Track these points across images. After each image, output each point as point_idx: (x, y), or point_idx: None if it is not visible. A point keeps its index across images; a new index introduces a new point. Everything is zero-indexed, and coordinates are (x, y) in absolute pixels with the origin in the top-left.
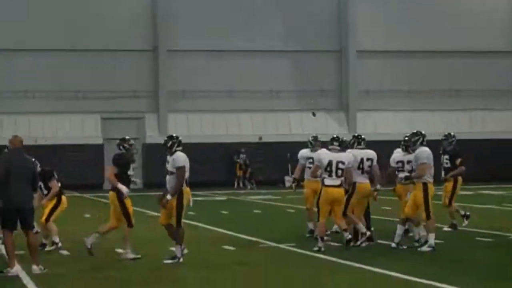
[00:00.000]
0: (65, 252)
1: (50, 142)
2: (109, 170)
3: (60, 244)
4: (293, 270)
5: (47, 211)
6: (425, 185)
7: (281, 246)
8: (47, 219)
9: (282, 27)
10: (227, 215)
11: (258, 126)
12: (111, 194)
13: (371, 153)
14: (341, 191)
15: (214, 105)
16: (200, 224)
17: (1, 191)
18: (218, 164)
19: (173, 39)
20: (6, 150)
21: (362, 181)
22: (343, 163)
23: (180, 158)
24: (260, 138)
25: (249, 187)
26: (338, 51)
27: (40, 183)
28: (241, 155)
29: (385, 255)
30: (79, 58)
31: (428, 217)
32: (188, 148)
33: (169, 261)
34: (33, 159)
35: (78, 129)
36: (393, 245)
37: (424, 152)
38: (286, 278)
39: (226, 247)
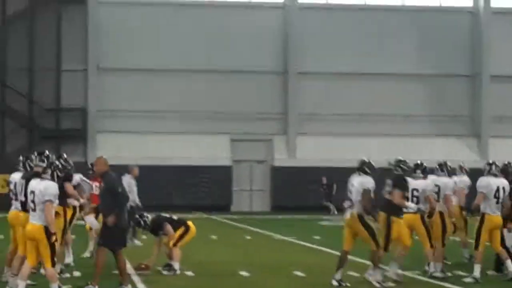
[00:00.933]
0: (189, 273)
1: (179, 162)
2: None
3: (178, 272)
4: None
5: (177, 236)
6: None
7: (406, 273)
8: (175, 244)
9: (415, 51)
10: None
11: (387, 151)
12: None
13: (505, 182)
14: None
15: (344, 129)
16: (325, 249)
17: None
18: (343, 188)
19: (303, 62)
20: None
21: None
22: (417, 190)
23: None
24: (390, 164)
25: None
26: (471, 75)
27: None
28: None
29: None
30: (210, 79)
31: None
32: (316, 172)
33: None
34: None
35: (209, 150)
36: None
37: None
38: None
39: (352, 273)
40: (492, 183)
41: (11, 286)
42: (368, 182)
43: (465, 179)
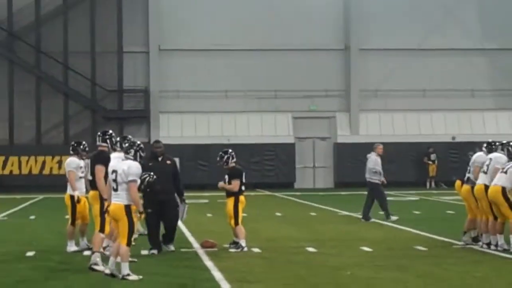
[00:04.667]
0: (256, 250)
1: (242, 141)
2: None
3: (246, 249)
4: (488, 271)
5: (231, 214)
6: None
7: (475, 247)
8: (236, 223)
9: (478, 25)
10: (419, 215)
11: (451, 126)
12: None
13: None
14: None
15: (407, 105)
16: (391, 224)
17: None
18: (409, 164)
19: (365, 38)
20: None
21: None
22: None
23: None
24: (454, 138)
25: (443, 186)
26: None
27: (226, 177)
28: (432, 155)
29: None
30: (271, 57)
31: None
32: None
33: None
34: (230, 151)
35: (271, 128)
36: None
37: None
38: (481, 280)
39: (419, 247)
40: None
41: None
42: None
43: None
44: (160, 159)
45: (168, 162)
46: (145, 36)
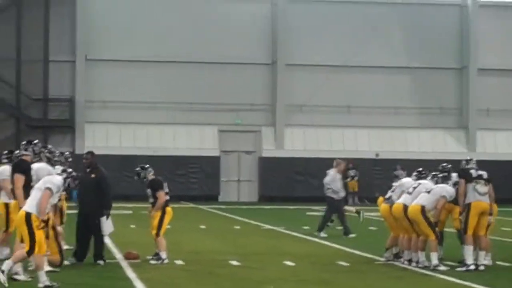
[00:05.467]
0: (180, 262)
1: (168, 153)
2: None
3: (166, 260)
4: (409, 287)
5: (155, 224)
6: None
7: (396, 263)
8: (157, 234)
9: (403, 43)
10: (342, 230)
11: (375, 143)
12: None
13: None
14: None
15: (332, 120)
16: (314, 239)
17: None
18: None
19: (291, 53)
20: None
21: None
22: None
23: None
24: (377, 155)
25: (366, 202)
26: (459, 68)
27: (149, 190)
28: (351, 171)
29: None
30: (198, 70)
31: None
32: (304, 163)
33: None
34: (147, 166)
35: (197, 141)
36: None
37: None
38: None
39: (342, 262)
40: None
41: None
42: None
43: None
44: (88, 171)
45: (93, 175)
46: (72, 46)
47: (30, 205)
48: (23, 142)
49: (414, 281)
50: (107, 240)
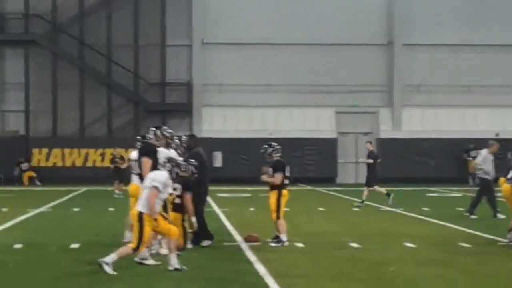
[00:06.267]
0: (299, 245)
1: (284, 135)
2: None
3: (286, 243)
4: None
5: (274, 208)
6: None
7: None
8: (278, 216)
9: None
10: (463, 211)
11: (495, 122)
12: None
13: None
14: None
15: (450, 100)
16: (434, 220)
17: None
18: (450, 160)
19: (408, 33)
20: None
21: None
22: None
23: None
24: (497, 135)
25: None
26: None
27: (270, 170)
28: (472, 152)
29: None
30: (313, 51)
31: None
32: (421, 143)
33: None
34: (276, 145)
35: (313, 122)
36: None
37: None
38: None
39: (463, 244)
40: None
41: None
42: None
43: None
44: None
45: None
46: (188, 30)
47: (141, 204)
48: (152, 128)
49: None
50: (227, 223)
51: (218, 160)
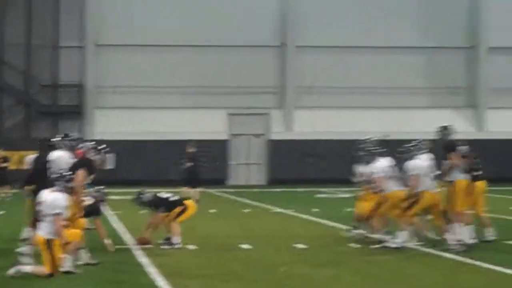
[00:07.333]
0: (192, 247)
1: (177, 137)
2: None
3: (178, 245)
4: (419, 269)
5: (174, 214)
6: None
7: (409, 245)
8: (173, 219)
9: (412, 23)
10: (351, 212)
11: (384, 123)
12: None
13: None
14: None
15: (340, 101)
16: (324, 221)
17: None
18: (341, 161)
19: (301, 35)
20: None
21: None
22: None
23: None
24: (386, 136)
25: None
26: (469, 47)
27: None
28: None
29: None
30: (207, 54)
31: None
32: (312, 144)
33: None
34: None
35: (206, 124)
36: None
37: None
38: (411, 276)
39: (353, 245)
40: None
41: None
42: None
43: None
44: None
45: None
46: (82, 31)
47: (47, 231)
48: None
49: (424, 261)
50: (120, 226)
51: (111, 162)
